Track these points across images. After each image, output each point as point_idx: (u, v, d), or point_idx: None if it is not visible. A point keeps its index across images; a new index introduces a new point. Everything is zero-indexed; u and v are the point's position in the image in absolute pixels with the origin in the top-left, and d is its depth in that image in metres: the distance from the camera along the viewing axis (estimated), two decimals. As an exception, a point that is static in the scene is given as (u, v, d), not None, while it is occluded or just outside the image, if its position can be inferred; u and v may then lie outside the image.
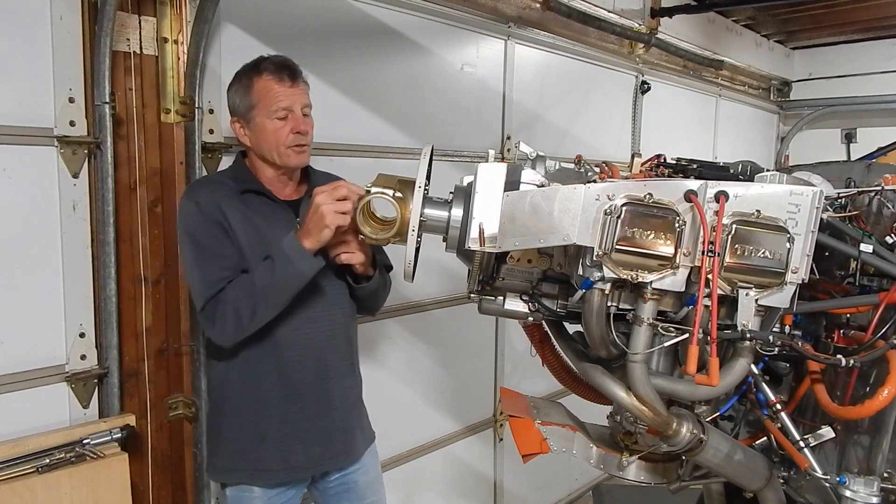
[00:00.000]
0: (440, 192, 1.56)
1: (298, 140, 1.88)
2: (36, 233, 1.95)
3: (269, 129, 1.87)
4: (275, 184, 1.96)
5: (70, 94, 1.97)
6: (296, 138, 1.88)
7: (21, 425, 1.93)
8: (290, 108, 1.87)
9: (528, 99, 3.52)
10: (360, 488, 2.12)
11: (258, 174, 1.96)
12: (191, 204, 1.87)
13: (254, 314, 1.79)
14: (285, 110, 1.87)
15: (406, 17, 2.87)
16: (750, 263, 1.30)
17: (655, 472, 1.62)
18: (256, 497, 1.96)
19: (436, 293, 3.11)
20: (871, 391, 1.42)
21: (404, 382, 3.06)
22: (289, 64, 1.91)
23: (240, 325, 1.80)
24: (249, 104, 1.89)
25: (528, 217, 1.33)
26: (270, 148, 1.89)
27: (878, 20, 5.02)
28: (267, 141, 1.88)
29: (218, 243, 1.84)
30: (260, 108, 1.87)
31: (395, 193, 1.55)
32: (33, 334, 1.97)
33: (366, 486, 2.13)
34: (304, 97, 1.92)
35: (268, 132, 1.87)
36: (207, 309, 1.82)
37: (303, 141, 1.89)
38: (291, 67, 1.91)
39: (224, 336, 1.84)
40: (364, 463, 2.12)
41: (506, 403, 1.72)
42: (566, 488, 4.15)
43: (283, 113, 1.87)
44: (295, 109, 1.88)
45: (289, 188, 2.00)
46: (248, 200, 1.91)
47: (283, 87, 1.87)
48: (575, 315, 1.50)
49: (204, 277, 1.83)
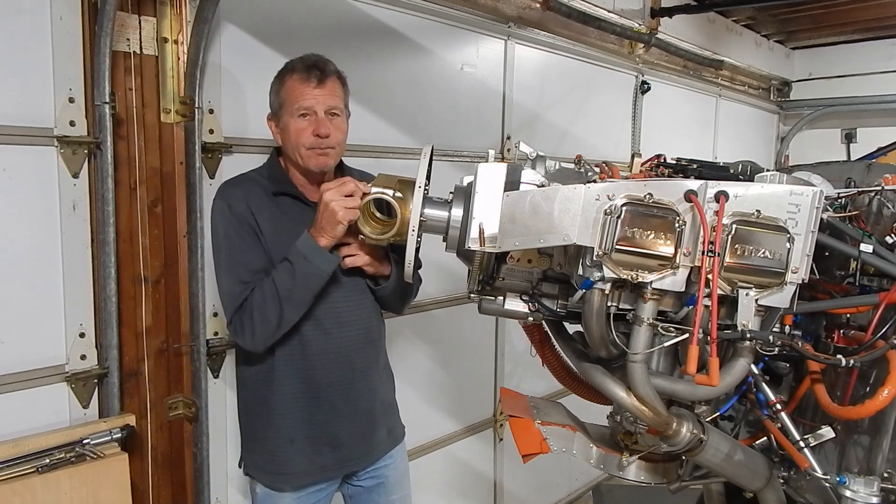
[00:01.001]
0: (440, 192, 1.56)
1: (319, 143, 1.85)
2: (36, 233, 1.95)
3: (292, 128, 1.86)
4: (306, 185, 1.95)
5: (70, 94, 1.97)
6: (316, 141, 1.84)
7: (21, 425, 1.93)
8: (313, 108, 1.85)
9: (528, 99, 3.52)
10: (390, 483, 2.13)
11: (291, 174, 1.95)
12: (223, 205, 1.86)
13: (280, 318, 1.79)
14: (307, 110, 1.85)
15: (406, 17, 2.87)
16: (750, 263, 1.30)
17: (655, 472, 1.62)
18: (286, 497, 1.97)
19: (436, 293, 3.11)
20: (871, 391, 1.42)
21: (404, 382, 3.05)
22: (318, 63, 1.88)
23: (268, 330, 1.80)
24: (279, 103, 1.89)
25: (528, 217, 1.33)
26: (293, 148, 1.87)
27: (878, 20, 5.02)
28: (289, 141, 1.87)
29: (246, 249, 1.84)
30: (286, 108, 1.87)
31: (395, 193, 1.55)
32: (33, 334, 1.97)
33: (395, 481, 2.15)
34: (331, 99, 1.87)
35: (290, 132, 1.86)
36: (235, 320, 1.83)
37: (323, 144, 1.85)
38: (320, 67, 1.87)
39: (255, 343, 1.84)
40: (395, 458, 2.14)
41: (506, 403, 1.72)
42: (566, 488, 4.16)
43: (305, 112, 1.85)
44: (318, 111, 1.85)
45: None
46: (281, 202, 1.90)
47: (307, 87, 1.85)
48: (575, 315, 1.50)
49: (230, 289, 1.84)
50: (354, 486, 2.12)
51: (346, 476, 2.09)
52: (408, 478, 2.24)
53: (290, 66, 1.89)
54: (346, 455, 2.00)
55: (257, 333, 1.81)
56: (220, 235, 1.86)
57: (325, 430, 1.95)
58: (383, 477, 2.12)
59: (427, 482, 3.24)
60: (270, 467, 1.96)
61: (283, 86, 1.88)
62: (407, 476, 2.24)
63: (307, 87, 1.85)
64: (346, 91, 1.95)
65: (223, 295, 1.87)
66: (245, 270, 1.83)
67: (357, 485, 2.12)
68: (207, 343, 2.30)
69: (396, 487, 2.16)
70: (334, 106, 1.88)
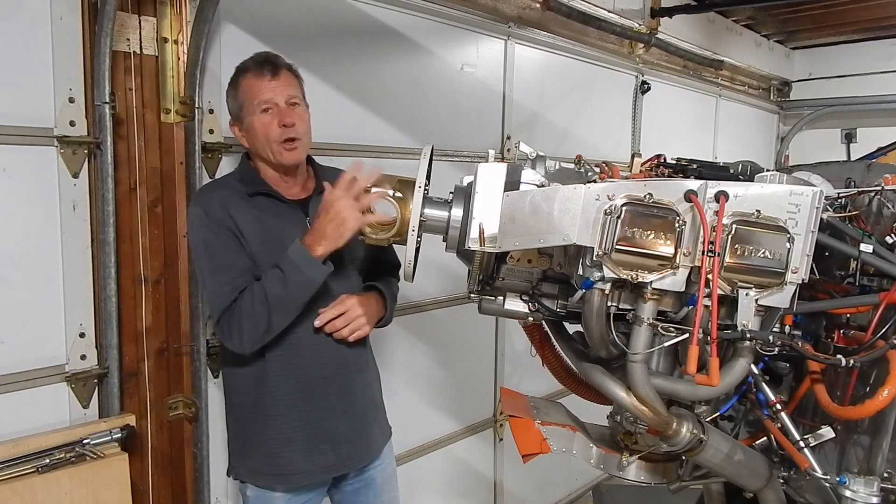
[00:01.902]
0: (440, 192, 1.56)
1: (287, 133, 1.84)
2: (36, 233, 1.95)
3: (257, 125, 1.85)
4: (280, 184, 1.95)
5: (70, 94, 1.96)
6: (283, 132, 1.84)
7: (21, 425, 1.93)
8: (273, 100, 1.85)
9: (528, 99, 3.52)
10: (377, 485, 2.12)
11: (264, 175, 1.95)
12: (199, 211, 1.84)
13: (269, 324, 1.78)
14: (267, 103, 1.84)
15: (406, 17, 2.87)
16: (750, 263, 1.30)
17: (655, 472, 1.62)
18: (278, 498, 1.96)
19: (436, 293, 3.11)
20: (871, 391, 1.42)
21: (404, 382, 3.06)
22: (269, 58, 1.89)
23: (256, 335, 1.79)
24: (239, 105, 1.89)
25: (528, 217, 1.33)
26: (263, 145, 1.87)
27: (878, 20, 5.02)
28: (258, 139, 1.86)
29: (228, 252, 1.82)
30: (247, 107, 1.87)
31: (395, 193, 1.55)
32: (33, 334, 1.97)
33: (383, 482, 2.14)
34: (289, 88, 1.88)
35: (256, 130, 1.86)
36: (223, 322, 1.81)
37: (292, 134, 1.85)
38: (272, 61, 1.88)
39: (242, 346, 1.83)
40: (383, 459, 2.13)
41: (506, 403, 1.73)
42: (566, 488, 4.15)
43: (266, 106, 1.84)
44: (278, 101, 1.85)
45: (296, 187, 1.98)
46: (258, 203, 1.89)
47: (263, 81, 1.85)
48: (575, 315, 1.50)
49: (217, 290, 1.82)
50: (343, 492, 2.11)
51: (336, 479, 2.08)
52: (395, 479, 2.23)
53: (242, 68, 1.91)
54: (348, 452, 1.98)
55: (245, 338, 1.80)
56: (199, 241, 1.84)
57: (324, 428, 1.93)
58: (371, 479, 2.10)
59: (427, 482, 3.24)
60: (267, 469, 1.94)
61: (239, 88, 1.89)
62: (395, 477, 2.23)
63: (263, 81, 1.85)
64: (301, 84, 1.95)
65: (210, 298, 1.86)
66: (228, 275, 1.81)
67: (345, 489, 2.10)
68: (207, 343, 2.30)
69: (385, 488, 2.15)
70: (293, 95, 1.88)
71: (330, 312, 1.86)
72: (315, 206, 1.89)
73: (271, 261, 1.79)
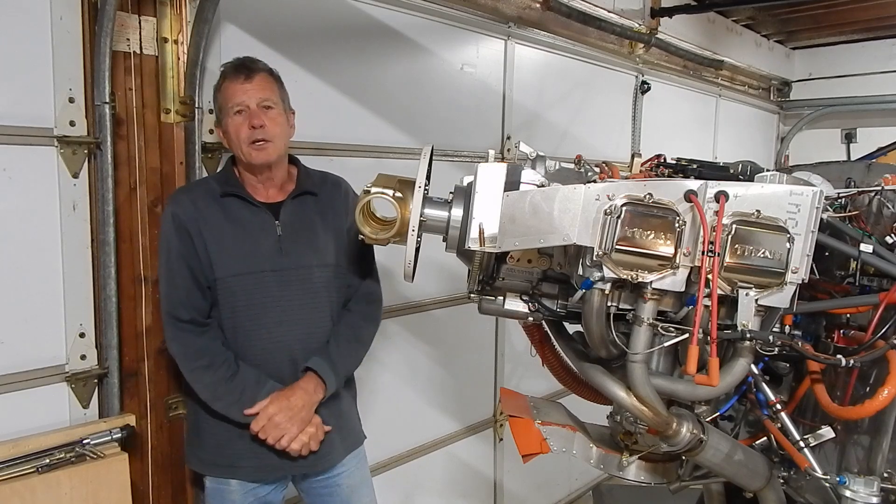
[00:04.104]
0: (440, 192, 1.56)
1: (255, 135, 1.89)
2: (36, 233, 1.95)
3: (231, 128, 1.92)
4: (256, 186, 1.99)
5: (70, 94, 1.96)
6: (252, 133, 1.88)
7: (21, 425, 1.93)
8: (245, 103, 1.90)
9: (528, 99, 3.52)
10: (343, 492, 2.11)
11: (242, 177, 2.00)
12: (169, 214, 1.94)
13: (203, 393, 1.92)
14: (240, 105, 1.90)
15: (406, 17, 2.87)
16: (750, 263, 1.30)
17: (655, 472, 1.62)
18: (234, 490, 1.99)
19: (436, 293, 3.11)
20: (871, 391, 1.42)
21: (404, 382, 3.06)
22: (245, 62, 1.94)
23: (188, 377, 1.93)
24: (219, 108, 1.97)
25: (528, 217, 1.33)
26: (236, 146, 1.93)
27: (878, 20, 5.02)
28: (232, 140, 1.93)
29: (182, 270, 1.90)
30: (224, 110, 1.94)
31: (395, 193, 1.55)
32: (33, 334, 1.97)
33: (350, 490, 2.13)
34: (261, 91, 1.91)
35: (230, 132, 1.93)
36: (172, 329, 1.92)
37: (260, 136, 1.89)
38: (247, 65, 1.93)
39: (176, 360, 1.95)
40: (348, 467, 2.11)
41: (506, 403, 1.73)
42: (566, 488, 4.15)
43: (239, 108, 1.90)
44: (250, 104, 1.90)
45: (271, 190, 2.01)
46: (227, 204, 1.95)
47: (237, 84, 1.90)
48: (575, 315, 1.50)
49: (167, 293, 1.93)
50: (310, 492, 2.12)
51: (297, 478, 2.09)
52: (367, 486, 2.21)
53: (222, 72, 1.97)
54: (291, 459, 1.96)
55: (182, 367, 1.94)
56: (164, 243, 1.95)
57: None
58: (335, 485, 2.09)
59: (427, 482, 3.24)
60: (219, 460, 1.98)
61: (219, 92, 1.95)
62: (365, 484, 2.20)
63: (236, 84, 1.91)
64: (280, 86, 1.99)
65: (161, 299, 1.96)
66: (177, 292, 1.90)
67: (313, 490, 2.11)
68: (207, 343, 2.30)
69: (353, 496, 2.13)
70: (266, 98, 1.92)
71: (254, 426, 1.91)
72: (288, 209, 1.98)
73: (225, 262, 1.90)
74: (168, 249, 1.92)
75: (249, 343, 1.94)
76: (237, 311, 1.94)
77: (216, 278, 1.91)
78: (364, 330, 2.11)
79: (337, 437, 2.06)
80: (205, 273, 1.91)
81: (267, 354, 1.95)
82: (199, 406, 1.98)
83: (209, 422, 1.97)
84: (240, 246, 1.92)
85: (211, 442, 1.99)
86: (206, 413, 1.97)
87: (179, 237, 1.90)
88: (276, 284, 1.94)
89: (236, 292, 1.92)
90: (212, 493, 2.03)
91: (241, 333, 1.94)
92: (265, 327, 1.94)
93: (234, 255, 1.91)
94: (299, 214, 2.00)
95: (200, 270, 1.91)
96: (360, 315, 2.10)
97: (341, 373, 2.02)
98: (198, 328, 1.91)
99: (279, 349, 1.96)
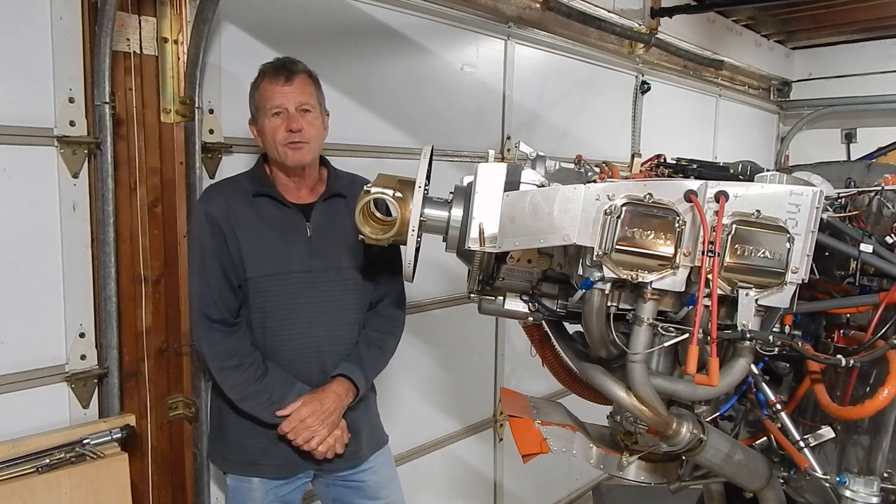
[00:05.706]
0: (440, 192, 1.56)
1: (292, 137, 1.89)
2: (36, 233, 1.95)
3: (268, 128, 1.91)
4: (288, 187, 2.00)
5: (70, 94, 1.96)
6: (289, 136, 1.89)
7: (21, 425, 1.93)
8: (284, 105, 1.90)
9: (528, 99, 3.52)
10: (370, 487, 2.12)
11: (274, 177, 2.00)
12: (202, 211, 1.93)
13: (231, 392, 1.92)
14: (278, 108, 1.90)
15: (406, 17, 2.87)
16: (750, 263, 1.30)
17: (655, 472, 1.62)
18: (255, 489, 1.99)
19: (436, 293, 3.11)
20: (871, 391, 1.41)
21: (404, 382, 3.06)
22: (285, 63, 1.94)
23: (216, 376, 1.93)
24: (256, 107, 1.96)
25: (528, 217, 1.33)
26: (272, 147, 1.93)
27: (878, 20, 5.02)
28: (268, 140, 1.93)
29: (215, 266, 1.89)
30: (261, 110, 1.93)
31: (395, 193, 1.55)
32: (33, 334, 1.97)
33: (377, 485, 2.14)
34: (301, 95, 1.92)
35: (266, 132, 1.92)
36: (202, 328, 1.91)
37: (297, 138, 1.90)
38: (288, 67, 1.93)
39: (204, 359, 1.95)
40: (374, 463, 2.13)
41: (506, 403, 1.72)
42: (566, 488, 4.15)
43: (277, 110, 1.90)
44: (289, 107, 1.90)
45: (303, 191, 2.02)
46: (260, 204, 1.95)
47: (276, 86, 1.90)
48: (575, 315, 1.50)
49: (200, 291, 1.91)
50: (327, 485, 2.12)
51: (319, 474, 2.09)
52: (395, 482, 2.22)
53: (262, 71, 1.96)
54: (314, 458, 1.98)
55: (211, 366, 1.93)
56: (196, 241, 1.94)
57: None
58: (360, 481, 2.10)
59: (427, 482, 3.24)
60: (241, 458, 1.99)
61: (257, 90, 1.95)
62: (393, 482, 2.22)
63: (276, 86, 1.90)
64: (318, 89, 1.99)
65: (192, 297, 1.95)
66: (210, 289, 1.90)
67: (333, 484, 2.11)
68: (207, 343, 2.30)
69: (381, 492, 2.14)
70: (304, 102, 1.92)
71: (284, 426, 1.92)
72: (319, 211, 1.97)
73: (256, 261, 1.89)
74: (201, 248, 1.91)
75: (278, 343, 1.95)
76: (267, 312, 1.94)
77: (247, 278, 1.91)
78: (391, 337, 2.14)
79: (364, 436, 2.09)
80: (236, 272, 1.91)
81: (295, 355, 1.96)
82: (223, 403, 2.00)
83: (233, 419, 1.98)
84: (271, 246, 1.92)
85: (232, 440, 2.00)
86: (229, 410, 1.98)
87: (213, 235, 1.89)
88: (307, 285, 1.95)
89: (267, 292, 1.93)
90: (233, 492, 2.03)
91: (271, 334, 1.94)
92: (295, 328, 1.95)
93: (266, 256, 1.91)
94: (330, 216, 2.01)
95: (232, 270, 1.91)
96: (388, 319, 2.13)
97: (371, 377, 2.05)
98: (228, 328, 1.91)
99: (308, 350, 1.97)
